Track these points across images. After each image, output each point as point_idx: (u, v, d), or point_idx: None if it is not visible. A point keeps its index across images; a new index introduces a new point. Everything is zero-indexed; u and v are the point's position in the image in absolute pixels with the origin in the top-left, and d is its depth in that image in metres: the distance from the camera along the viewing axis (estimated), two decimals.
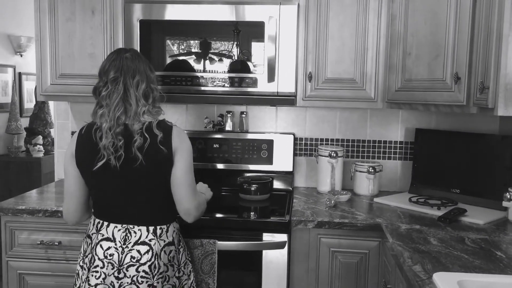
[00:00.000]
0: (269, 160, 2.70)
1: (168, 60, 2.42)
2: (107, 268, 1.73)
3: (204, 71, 2.37)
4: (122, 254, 1.73)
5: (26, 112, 5.23)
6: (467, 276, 1.43)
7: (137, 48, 2.33)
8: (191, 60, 2.38)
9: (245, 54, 2.37)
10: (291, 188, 2.70)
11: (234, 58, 2.37)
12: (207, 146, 2.72)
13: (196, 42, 2.42)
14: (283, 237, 2.10)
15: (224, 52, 2.38)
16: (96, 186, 1.81)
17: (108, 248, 1.75)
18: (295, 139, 2.77)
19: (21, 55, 5.17)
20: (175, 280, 1.82)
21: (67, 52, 2.47)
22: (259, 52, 2.33)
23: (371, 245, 2.12)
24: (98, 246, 1.76)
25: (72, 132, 2.72)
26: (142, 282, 1.72)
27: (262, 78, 2.33)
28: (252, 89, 2.34)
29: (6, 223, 2.24)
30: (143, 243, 1.75)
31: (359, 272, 2.14)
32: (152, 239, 1.76)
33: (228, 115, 2.76)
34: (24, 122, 5.02)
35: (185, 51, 2.41)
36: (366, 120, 2.77)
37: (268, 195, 2.48)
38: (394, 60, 2.32)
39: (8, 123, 4.84)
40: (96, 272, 1.74)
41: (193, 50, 2.41)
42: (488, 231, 1.95)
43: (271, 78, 2.33)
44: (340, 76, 2.39)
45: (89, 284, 1.75)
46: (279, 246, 2.10)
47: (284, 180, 2.71)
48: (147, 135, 1.71)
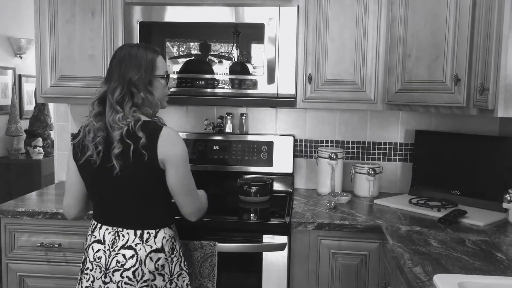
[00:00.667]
0: (269, 162, 2.70)
1: (168, 62, 2.42)
2: (95, 271, 1.70)
3: (204, 73, 2.37)
4: (109, 258, 1.68)
5: (26, 114, 5.23)
6: (468, 277, 1.43)
7: None
8: (190, 62, 2.38)
9: (245, 56, 2.37)
10: (291, 190, 2.69)
11: (234, 60, 2.37)
12: (207, 148, 2.71)
13: (196, 44, 2.42)
14: (283, 239, 2.10)
15: (224, 54, 2.39)
16: (90, 187, 1.78)
17: (98, 250, 1.71)
18: (295, 140, 2.77)
19: (21, 57, 5.17)
20: None
21: (67, 54, 2.47)
22: (259, 54, 2.33)
23: (371, 247, 2.12)
24: (90, 248, 1.74)
25: (72, 134, 2.72)
26: None
27: (262, 80, 2.33)
28: (252, 91, 2.34)
29: (6, 225, 2.24)
30: (129, 247, 1.68)
31: (359, 274, 2.13)
32: (138, 243, 1.68)
33: (228, 117, 2.76)
34: (24, 124, 5.02)
35: (185, 53, 2.41)
36: (366, 122, 2.77)
37: (268, 197, 2.48)
38: (394, 61, 2.32)
39: (8, 125, 4.84)
40: (87, 274, 1.73)
41: (193, 52, 2.41)
42: (489, 233, 1.95)
43: (271, 79, 2.33)
44: (340, 78, 2.39)
45: (81, 286, 1.75)
46: (279, 248, 2.09)
47: (284, 182, 2.71)
48: (128, 141, 1.62)
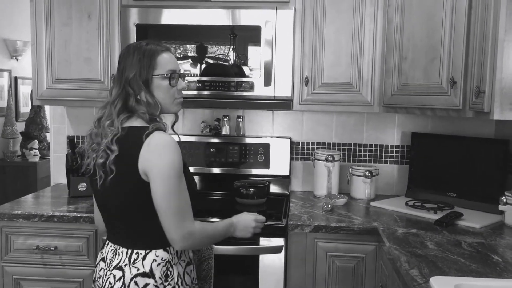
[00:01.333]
0: (265, 164, 2.70)
1: None
2: None
3: (201, 75, 2.37)
4: (105, 278, 1.54)
5: (22, 116, 5.22)
6: (464, 280, 1.43)
7: None
8: (187, 65, 2.38)
9: (241, 58, 2.37)
10: (287, 192, 2.70)
11: (230, 62, 2.37)
12: (203, 151, 2.71)
13: (193, 46, 2.42)
14: (280, 241, 2.10)
15: (220, 56, 2.39)
16: (95, 197, 1.67)
17: (101, 269, 1.59)
18: (292, 143, 2.77)
19: (17, 59, 5.16)
20: None
21: (63, 56, 2.46)
22: (256, 56, 2.34)
23: (368, 249, 2.12)
24: (97, 266, 1.63)
25: (68, 137, 2.71)
26: None
27: (258, 82, 2.33)
28: (249, 93, 2.34)
29: (1, 228, 2.23)
30: (119, 268, 1.51)
31: (356, 276, 2.14)
32: (126, 264, 1.51)
33: (225, 119, 2.76)
34: (20, 127, 5.01)
35: (181, 55, 2.41)
36: (362, 124, 2.77)
37: (264, 199, 2.48)
38: (390, 64, 2.32)
39: (4, 127, 4.83)
40: None
41: (189, 54, 2.41)
42: (485, 235, 1.96)
43: (267, 82, 2.33)
44: (336, 80, 2.40)
45: None
46: (276, 250, 2.09)
47: (280, 184, 2.71)
48: (113, 148, 1.47)
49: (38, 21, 2.45)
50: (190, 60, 2.39)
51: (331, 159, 2.58)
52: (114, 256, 1.55)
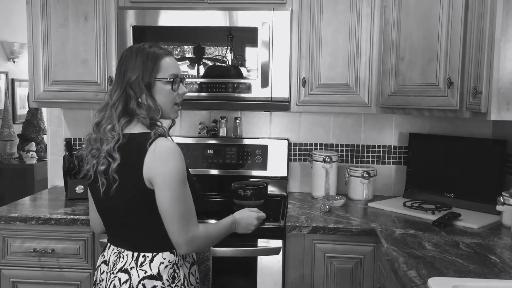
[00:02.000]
0: (263, 166, 2.70)
1: None
2: None
3: (198, 76, 2.37)
4: (109, 280, 1.53)
5: (19, 118, 5.21)
6: (462, 281, 1.43)
7: None
8: (185, 66, 2.38)
9: (239, 60, 2.37)
10: (285, 194, 2.69)
11: (228, 63, 2.37)
12: (201, 152, 2.71)
13: (190, 47, 2.42)
14: (278, 243, 2.10)
15: (218, 57, 2.38)
16: (95, 203, 1.65)
17: (103, 272, 1.58)
18: (289, 144, 2.77)
19: (13, 62, 5.16)
20: None
21: (60, 58, 2.46)
22: (253, 58, 2.33)
23: (366, 250, 2.12)
24: (98, 269, 1.62)
25: (65, 139, 2.70)
26: None
27: (256, 84, 2.33)
28: (246, 94, 2.34)
29: None
30: (125, 271, 1.51)
31: (354, 278, 2.13)
32: (133, 267, 1.50)
33: (222, 121, 2.76)
34: (17, 129, 5.00)
35: (178, 57, 2.40)
36: (360, 125, 2.77)
37: (262, 201, 2.48)
38: (387, 65, 2.32)
39: (1, 129, 4.82)
40: None
41: (187, 56, 2.40)
42: (482, 235, 1.96)
43: (265, 83, 2.33)
44: (333, 81, 2.40)
45: None
46: (274, 252, 2.09)
47: (278, 186, 2.71)
48: (115, 156, 1.45)
49: (34, 23, 2.45)
50: (187, 62, 2.39)
51: (329, 160, 2.58)
52: (118, 259, 1.54)
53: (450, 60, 2.02)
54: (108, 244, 1.62)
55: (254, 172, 2.71)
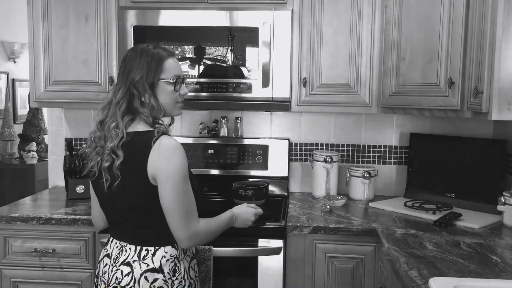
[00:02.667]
0: (264, 166, 2.70)
1: None
2: (100, 286, 1.63)
3: (199, 76, 2.37)
4: (111, 273, 1.57)
5: (19, 118, 5.22)
6: (463, 281, 1.43)
7: None
8: (185, 66, 2.38)
9: (239, 60, 2.37)
10: (286, 194, 2.69)
11: (228, 63, 2.37)
12: (202, 152, 2.71)
13: (191, 47, 2.42)
14: (278, 243, 2.09)
15: (218, 57, 2.38)
16: (98, 198, 1.69)
17: (105, 265, 1.62)
18: (290, 144, 2.77)
19: (14, 62, 5.16)
20: None
21: (60, 58, 2.46)
22: (254, 58, 2.33)
23: (367, 250, 2.12)
24: (101, 262, 1.66)
25: (66, 139, 2.70)
26: None
27: (256, 84, 2.33)
28: (247, 94, 2.34)
29: None
30: (127, 264, 1.55)
31: (355, 278, 2.13)
32: (135, 260, 1.55)
33: (223, 121, 2.76)
34: (18, 129, 5.00)
35: (179, 57, 2.40)
36: (360, 125, 2.77)
37: (263, 201, 2.48)
38: (388, 65, 2.32)
39: (2, 129, 4.82)
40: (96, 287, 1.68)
41: (187, 56, 2.40)
42: (483, 235, 1.96)
43: (265, 83, 2.32)
44: (334, 81, 2.40)
45: None
46: (274, 252, 2.09)
47: (279, 186, 2.71)
48: (119, 153, 1.50)
49: (35, 23, 2.45)
50: (188, 62, 2.39)
51: (330, 160, 2.58)
52: (121, 253, 1.59)
53: (451, 60, 2.02)
54: (111, 238, 1.66)
55: (254, 172, 2.70)
